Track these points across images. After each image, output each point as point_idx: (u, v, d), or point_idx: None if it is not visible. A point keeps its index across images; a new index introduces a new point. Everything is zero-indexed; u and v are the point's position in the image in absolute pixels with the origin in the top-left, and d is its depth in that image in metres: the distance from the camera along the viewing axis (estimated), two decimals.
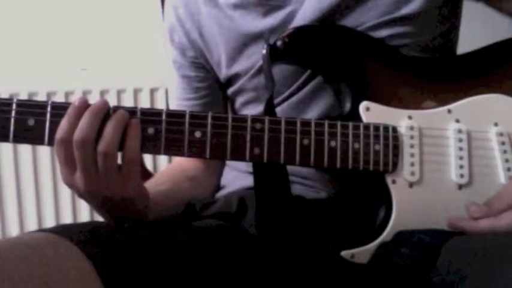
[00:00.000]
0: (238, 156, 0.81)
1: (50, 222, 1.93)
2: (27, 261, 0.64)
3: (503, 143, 0.89)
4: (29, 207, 1.93)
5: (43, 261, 0.66)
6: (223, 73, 1.05)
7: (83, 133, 0.76)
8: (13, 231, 1.92)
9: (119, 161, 0.78)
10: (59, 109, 0.78)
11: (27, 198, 1.93)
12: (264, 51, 0.89)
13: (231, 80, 1.06)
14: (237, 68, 1.03)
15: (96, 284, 0.67)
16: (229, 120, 0.81)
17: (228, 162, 1.13)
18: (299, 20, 0.96)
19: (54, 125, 0.77)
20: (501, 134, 0.89)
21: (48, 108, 0.77)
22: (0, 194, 1.92)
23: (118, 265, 0.70)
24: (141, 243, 0.76)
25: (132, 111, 0.79)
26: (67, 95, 1.89)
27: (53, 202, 1.93)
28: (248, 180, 1.01)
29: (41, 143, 0.77)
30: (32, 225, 1.93)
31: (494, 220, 0.79)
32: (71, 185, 0.79)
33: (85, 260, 0.68)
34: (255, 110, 1.04)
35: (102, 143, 0.76)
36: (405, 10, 0.95)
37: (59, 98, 1.88)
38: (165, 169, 1.12)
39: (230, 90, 1.08)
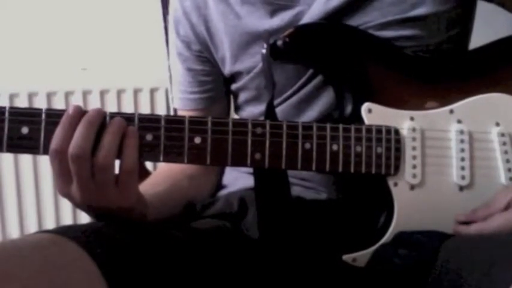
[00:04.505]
0: (239, 162, 0.80)
1: (50, 223, 1.93)
2: (32, 262, 0.64)
3: (504, 144, 0.89)
4: (29, 208, 1.93)
5: (48, 262, 0.65)
6: (227, 69, 1.05)
7: (78, 147, 0.73)
8: (13, 232, 1.93)
9: (116, 169, 0.76)
10: (54, 117, 0.75)
11: (27, 199, 1.93)
12: (264, 51, 0.88)
13: (234, 77, 1.05)
14: (240, 66, 1.02)
15: (102, 286, 0.67)
16: (230, 125, 0.79)
17: None
18: (305, 22, 0.95)
19: (49, 134, 0.74)
20: (502, 135, 0.89)
21: (43, 116, 0.75)
22: (0, 195, 1.92)
23: (123, 266, 0.70)
24: (145, 245, 0.76)
25: (129, 118, 0.77)
26: (67, 95, 1.89)
27: (53, 202, 1.93)
28: (249, 181, 1.00)
29: (36, 152, 0.75)
30: (32, 226, 1.93)
31: (483, 223, 0.82)
32: (66, 196, 0.77)
33: (91, 262, 0.68)
34: (257, 108, 1.03)
35: (99, 156, 0.74)
36: (412, 12, 0.94)
37: (59, 98, 1.88)
38: (163, 167, 1.11)
39: (233, 87, 1.07)
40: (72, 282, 0.65)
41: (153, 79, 1.90)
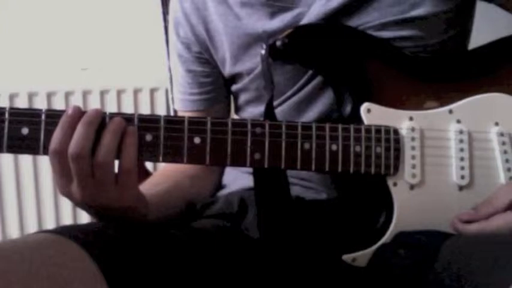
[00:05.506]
0: (238, 162, 0.80)
1: (50, 223, 1.93)
2: (32, 262, 0.64)
3: (503, 143, 0.89)
4: (29, 208, 1.93)
5: (48, 262, 0.66)
6: (227, 70, 1.05)
7: (77, 147, 0.73)
8: (13, 232, 1.93)
9: (116, 169, 0.77)
10: (54, 117, 0.75)
11: (27, 199, 1.93)
12: (263, 52, 0.88)
13: (235, 78, 1.05)
14: (240, 67, 1.02)
15: (102, 286, 0.67)
16: (229, 125, 0.79)
17: None
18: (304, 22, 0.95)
19: (49, 134, 0.74)
20: (502, 134, 0.89)
21: (43, 117, 0.75)
22: (0, 195, 1.92)
23: (123, 266, 0.70)
24: (145, 245, 0.76)
25: (129, 119, 0.77)
26: (67, 95, 1.89)
27: (53, 202, 1.93)
28: (249, 181, 1.00)
29: (36, 152, 0.75)
30: (32, 226, 1.94)
31: (484, 223, 0.82)
32: (67, 195, 0.77)
33: (91, 262, 0.68)
34: (257, 109, 1.03)
35: (99, 155, 0.74)
36: (412, 13, 0.93)
37: (59, 98, 1.88)
38: (164, 167, 1.11)
39: (234, 88, 1.07)
40: (72, 282, 0.65)
41: (153, 79, 1.90)
